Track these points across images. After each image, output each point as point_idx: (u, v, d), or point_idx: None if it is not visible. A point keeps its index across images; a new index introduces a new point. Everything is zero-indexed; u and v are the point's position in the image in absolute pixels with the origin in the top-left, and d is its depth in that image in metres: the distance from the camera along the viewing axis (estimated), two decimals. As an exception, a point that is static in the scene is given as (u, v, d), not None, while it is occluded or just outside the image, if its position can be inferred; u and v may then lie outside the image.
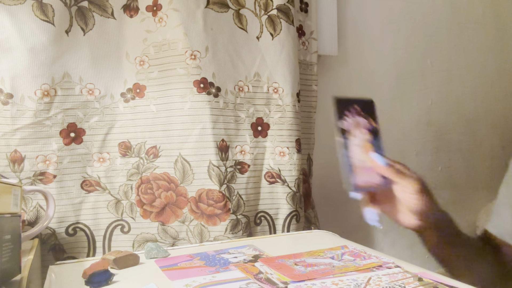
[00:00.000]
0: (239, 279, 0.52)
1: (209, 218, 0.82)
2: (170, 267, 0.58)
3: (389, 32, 1.21)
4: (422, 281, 0.49)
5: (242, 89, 0.87)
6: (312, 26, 0.99)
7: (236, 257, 0.62)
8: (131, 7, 0.83)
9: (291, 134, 0.89)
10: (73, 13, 0.78)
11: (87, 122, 0.80)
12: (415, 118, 1.26)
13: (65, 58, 0.78)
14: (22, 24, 0.73)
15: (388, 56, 1.21)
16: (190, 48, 0.81)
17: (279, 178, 0.88)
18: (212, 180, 0.82)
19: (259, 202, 0.88)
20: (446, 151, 1.32)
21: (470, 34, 1.34)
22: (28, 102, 0.74)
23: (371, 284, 0.48)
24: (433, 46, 1.28)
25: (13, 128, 0.74)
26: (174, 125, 0.82)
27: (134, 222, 0.82)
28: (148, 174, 0.82)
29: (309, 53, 0.98)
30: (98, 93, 0.81)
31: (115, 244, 0.81)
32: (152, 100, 0.83)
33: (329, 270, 0.54)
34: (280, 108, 0.89)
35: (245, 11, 0.87)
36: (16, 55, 0.73)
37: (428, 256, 0.76)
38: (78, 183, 0.80)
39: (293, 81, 0.89)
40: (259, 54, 0.88)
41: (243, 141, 0.87)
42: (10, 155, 0.74)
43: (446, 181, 1.31)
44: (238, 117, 0.86)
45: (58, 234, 0.78)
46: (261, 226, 0.88)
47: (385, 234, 1.20)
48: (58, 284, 0.56)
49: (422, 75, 1.27)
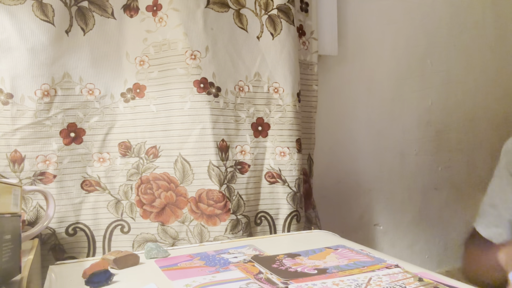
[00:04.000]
0: (239, 279, 0.52)
1: (209, 218, 0.82)
2: (170, 267, 0.58)
3: (389, 32, 1.21)
4: (422, 281, 0.49)
5: (242, 89, 0.87)
6: (312, 26, 0.99)
7: (236, 257, 0.62)
8: (131, 7, 0.83)
9: (292, 134, 0.89)
10: (73, 13, 0.78)
11: (87, 122, 0.80)
12: (415, 118, 1.26)
13: (65, 58, 0.78)
14: (22, 24, 0.73)
15: (388, 56, 1.21)
16: (190, 48, 0.81)
17: (280, 178, 0.88)
18: (212, 180, 0.82)
19: (260, 202, 0.88)
20: (446, 151, 1.32)
21: (470, 34, 1.34)
22: (28, 102, 0.74)
23: (371, 284, 0.48)
24: (433, 46, 1.28)
25: (13, 128, 0.74)
26: (174, 125, 0.82)
27: (134, 222, 0.82)
28: (148, 174, 0.82)
29: (309, 53, 0.98)
30: (98, 93, 0.81)
31: (115, 244, 0.81)
32: (152, 100, 0.83)
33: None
34: (280, 108, 0.89)
35: (245, 10, 0.87)
36: (16, 55, 0.73)
37: (428, 256, 0.76)
38: (78, 183, 0.80)
39: (294, 81, 0.89)
40: (259, 54, 0.88)
41: (243, 141, 0.87)
42: (10, 155, 0.74)
43: (446, 181, 1.31)
44: (239, 117, 0.86)
45: (58, 234, 0.77)
46: (261, 226, 0.88)
47: (385, 234, 1.20)
48: (58, 284, 0.56)
49: (422, 75, 1.27)
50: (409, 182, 1.24)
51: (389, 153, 1.22)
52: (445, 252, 1.30)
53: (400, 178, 1.23)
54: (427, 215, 1.28)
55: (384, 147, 1.21)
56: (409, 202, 1.25)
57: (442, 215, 1.30)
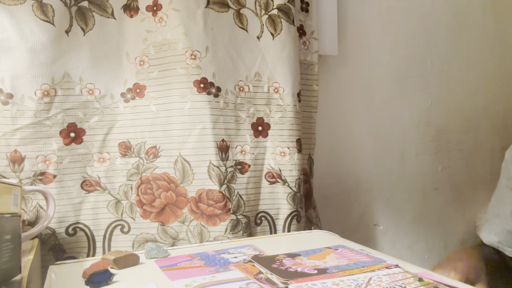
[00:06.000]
0: (239, 279, 0.52)
1: (209, 218, 0.82)
2: (170, 267, 0.58)
3: (389, 32, 1.21)
4: (422, 281, 0.49)
5: (242, 89, 0.87)
6: (313, 26, 0.99)
7: (236, 257, 0.62)
8: (131, 7, 0.83)
9: (292, 134, 0.89)
10: (73, 13, 0.78)
11: (87, 122, 0.80)
12: (415, 118, 1.26)
13: (65, 58, 0.78)
14: (22, 24, 0.73)
15: (388, 56, 1.21)
16: (190, 48, 0.81)
17: (280, 178, 0.88)
18: (212, 180, 0.82)
19: (260, 202, 0.88)
20: (446, 151, 1.32)
21: (470, 34, 1.34)
22: (28, 102, 0.74)
23: (371, 284, 0.48)
24: (433, 46, 1.28)
25: (13, 128, 0.74)
26: (174, 125, 0.82)
27: (134, 222, 0.82)
28: (148, 174, 0.82)
29: (310, 53, 0.98)
30: (98, 93, 0.81)
31: (115, 244, 0.81)
32: (152, 100, 0.83)
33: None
34: (280, 108, 0.89)
35: (245, 10, 0.87)
36: (16, 55, 0.73)
37: (428, 256, 0.76)
38: (78, 183, 0.80)
39: (294, 81, 0.89)
40: (259, 54, 0.88)
41: (243, 141, 0.87)
42: (10, 155, 0.74)
43: (446, 181, 1.31)
44: (239, 117, 0.86)
45: (58, 234, 0.77)
46: (261, 226, 0.88)
47: (385, 234, 1.20)
48: (58, 284, 0.56)
49: (422, 75, 1.27)
50: (409, 182, 1.24)
51: (389, 153, 1.22)
52: (445, 252, 1.30)
53: (400, 178, 1.23)
54: (427, 215, 1.28)
55: (384, 147, 1.21)
56: (409, 202, 1.25)
57: (442, 215, 1.30)
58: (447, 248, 1.30)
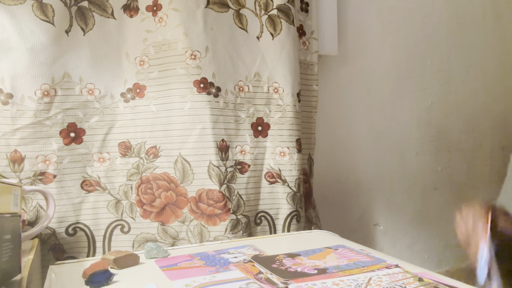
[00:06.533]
0: (239, 279, 0.52)
1: (209, 218, 0.82)
2: (170, 267, 0.58)
3: (389, 32, 1.21)
4: (422, 281, 0.49)
5: (242, 89, 0.87)
6: (312, 26, 0.99)
7: (236, 257, 0.62)
8: (131, 7, 0.83)
9: (292, 134, 0.89)
10: (73, 13, 0.78)
11: (87, 122, 0.80)
12: (415, 118, 1.26)
13: (65, 58, 0.78)
14: (22, 24, 0.73)
15: (388, 56, 1.21)
16: (190, 48, 0.81)
17: (280, 178, 0.88)
18: (212, 180, 0.82)
19: (259, 202, 0.88)
20: (446, 151, 1.32)
21: (470, 34, 1.34)
22: (28, 102, 0.74)
23: (371, 284, 0.48)
24: (433, 46, 1.28)
25: (13, 128, 0.74)
26: (174, 125, 0.82)
27: (134, 222, 0.82)
28: (148, 174, 0.82)
29: (309, 53, 0.98)
30: (98, 93, 0.81)
31: (115, 244, 0.81)
32: (152, 100, 0.83)
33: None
34: (280, 108, 0.89)
35: (245, 11, 0.87)
36: (16, 55, 0.73)
37: (428, 256, 0.76)
38: (78, 183, 0.80)
39: (294, 81, 0.89)
40: (259, 54, 0.88)
41: (243, 141, 0.87)
42: (10, 155, 0.74)
43: (446, 181, 1.31)
44: (238, 117, 0.86)
45: (58, 234, 0.77)
46: (261, 226, 0.88)
47: (385, 234, 1.20)
48: (58, 284, 0.56)
49: (422, 75, 1.27)
50: (409, 182, 1.24)
51: (389, 153, 1.22)
52: (445, 252, 1.30)
53: (400, 178, 1.23)
54: (427, 215, 1.28)
55: (384, 147, 1.21)
56: (409, 202, 1.25)
57: (442, 215, 1.30)
58: (447, 248, 1.30)
